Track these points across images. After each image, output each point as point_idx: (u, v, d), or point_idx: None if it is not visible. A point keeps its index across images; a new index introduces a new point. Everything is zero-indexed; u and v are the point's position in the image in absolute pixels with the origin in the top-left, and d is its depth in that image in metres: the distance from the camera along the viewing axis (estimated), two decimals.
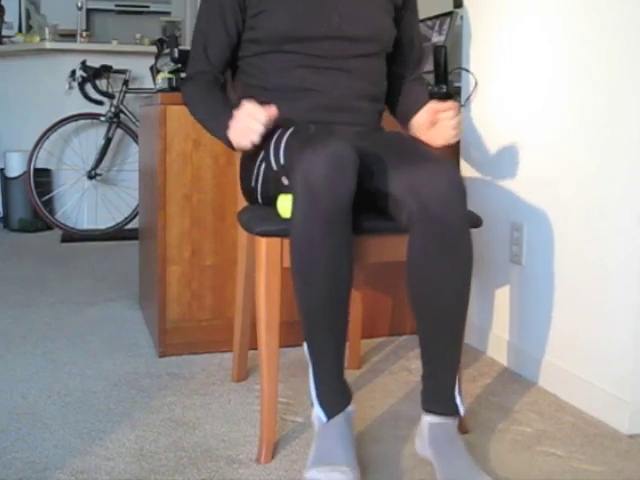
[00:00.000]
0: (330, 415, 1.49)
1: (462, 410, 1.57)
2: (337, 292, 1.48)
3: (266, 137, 1.60)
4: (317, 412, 1.51)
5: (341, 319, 1.51)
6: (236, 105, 1.61)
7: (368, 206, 1.67)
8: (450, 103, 1.66)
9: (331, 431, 1.48)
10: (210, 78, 1.81)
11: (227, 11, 1.76)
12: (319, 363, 1.51)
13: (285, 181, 1.55)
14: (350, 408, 1.53)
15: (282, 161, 1.58)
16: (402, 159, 1.56)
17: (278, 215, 1.57)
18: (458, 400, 1.56)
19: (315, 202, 1.41)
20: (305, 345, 1.53)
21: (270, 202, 1.64)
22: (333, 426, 1.49)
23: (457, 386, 1.57)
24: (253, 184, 1.73)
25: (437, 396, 1.55)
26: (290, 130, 1.62)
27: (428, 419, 1.55)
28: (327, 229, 1.43)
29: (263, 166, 1.67)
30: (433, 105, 1.68)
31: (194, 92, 1.81)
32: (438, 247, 1.47)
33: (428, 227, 1.47)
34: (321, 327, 1.49)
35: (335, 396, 1.51)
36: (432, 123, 1.68)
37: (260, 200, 1.73)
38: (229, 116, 1.62)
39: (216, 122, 1.70)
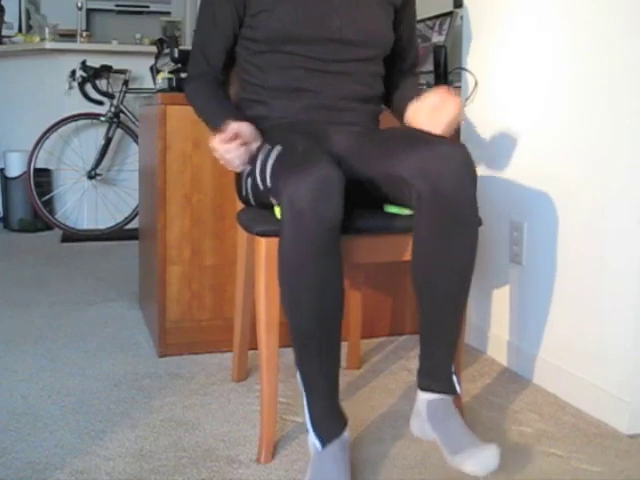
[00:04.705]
0: (325, 443, 1.46)
1: (459, 389, 1.58)
2: (326, 318, 1.45)
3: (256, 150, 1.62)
4: (312, 439, 1.48)
5: (332, 345, 1.47)
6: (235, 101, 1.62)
7: (366, 202, 1.67)
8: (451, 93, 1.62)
9: (326, 458, 1.45)
10: (210, 79, 1.83)
11: (223, 14, 1.77)
12: (312, 390, 1.49)
13: (273, 201, 1.52)
14: (345, 434, 1.50)
15: (269, 184, 1.55)
16: (410, 143, 1.55)
17: (276, 217, 1.56)
18: (455, 379, 1.57)
19: (302, 228, 1.38)
20: (297, 372, 1.50)
21: (264, 207, 1.64)
22: (328, 453, 1.46)
23: (454, 366, 1.58)
24: (244, 193, 1.74)
25: (435, 374, 1.56)
26: (277, 152, 1.56)
27: (425, 397, 1.56)
28: (315, 254, 1.40)
29: (250, 181, 1.66)
30: (437, 91, 1.63)
31: (195, 91, 1.83)
32: (446, 225, 1.47)
33: (438, 205, 1.46)
34: (312, 353, 1.46)
35: (329, 423, 1.48)
36: (434, 108, 1.62)
37: (254, 205, 1.74)
38: (230, 114, 1.64)
39: (217, 120, 1.69)
